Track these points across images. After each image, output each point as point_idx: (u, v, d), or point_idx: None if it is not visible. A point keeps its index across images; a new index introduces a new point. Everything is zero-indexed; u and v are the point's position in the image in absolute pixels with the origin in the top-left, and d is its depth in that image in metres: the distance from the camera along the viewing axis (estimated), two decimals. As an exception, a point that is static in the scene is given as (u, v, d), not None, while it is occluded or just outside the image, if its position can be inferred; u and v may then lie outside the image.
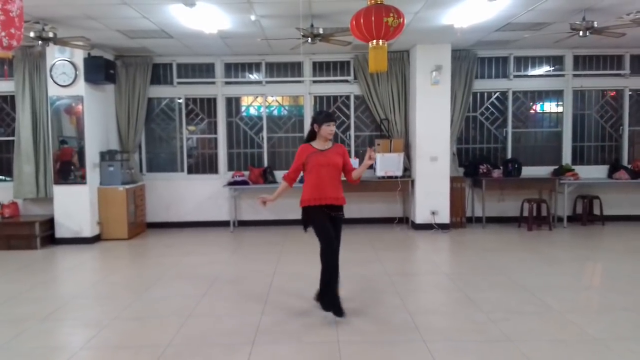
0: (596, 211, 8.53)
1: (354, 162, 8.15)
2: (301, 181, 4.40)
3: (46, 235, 7.44)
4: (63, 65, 7.29)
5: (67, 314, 4.54)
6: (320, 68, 8.72)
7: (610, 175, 8.57)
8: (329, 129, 4.25)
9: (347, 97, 8.75)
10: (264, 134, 8.79)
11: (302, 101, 8.81)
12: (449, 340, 3.75)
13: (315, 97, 8.78)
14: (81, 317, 4.43)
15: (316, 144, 4.32)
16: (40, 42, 5.94)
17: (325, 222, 4.21)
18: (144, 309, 4.59)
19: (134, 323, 4.24)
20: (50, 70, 7.30)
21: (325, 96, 8.79)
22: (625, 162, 8.71)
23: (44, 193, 7.74)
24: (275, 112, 8.97)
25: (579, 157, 8.83)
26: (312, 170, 4.24)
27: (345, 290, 4.86)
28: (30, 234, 7.23)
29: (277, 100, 8.92)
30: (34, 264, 6.47)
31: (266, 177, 8.41)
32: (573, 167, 8.55)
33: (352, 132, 8.76)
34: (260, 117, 8.85)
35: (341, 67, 8.71)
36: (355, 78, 8.60)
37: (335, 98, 8.79)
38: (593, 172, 8.68)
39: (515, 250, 6.79)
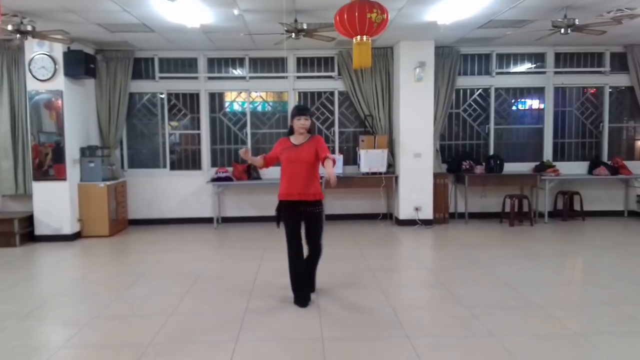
0: (576, 207, 8.65)
1: (337, 158, 8.16)
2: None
3: (25, 232, 7.31)
4: (42, 59, 7.15)
5: (46, 312, 4.46)
6: (304, 64, 8.69)
7: (590, 171, 8.69)
8: (299, 123, 4.35)
9: (331, 93, 8.74)
10: (248, 129, 8.73)
11: (286, 97, 8.78)
12: (432, 336, 3.77)
13: (299, 93, 8.75)
14: (61, 316, 4.36)
15: (293, 139, 4.42)
16: (18, 35, 5.82)
17: (291, 224, 4.34)
18: (125, 307, 4.53)
19: (115, 321, 4.19)
20: (29, 65, 7.16)
21: (309, 92, 8.76)
22: (605, 158, 8.84)
23: (23, 189, 7.62)
24: (259, 108, 8.92)
25: (559, 153, 8.94)
26: (284, 166, 4.35)
27: (329, 286, 4.88)
28: (9, 231, 7.10)
29: (261, 96, 8.87)
30: (13, 262, 6.36)
31: (250, 173, 8.37)
32: (554, 163, 8.66)
33: (336, 128, 8.75)
34: (244, 113, 8.79)
35: (325, 63, 8.69)
36: (339, 74, 8.58)
37: (320, 94, 8.77)
38: (573, 168, 8.80)
39: (497, 246, 6.85)
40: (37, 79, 7.18)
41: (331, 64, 8.68)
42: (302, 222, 4.42)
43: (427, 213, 8.18)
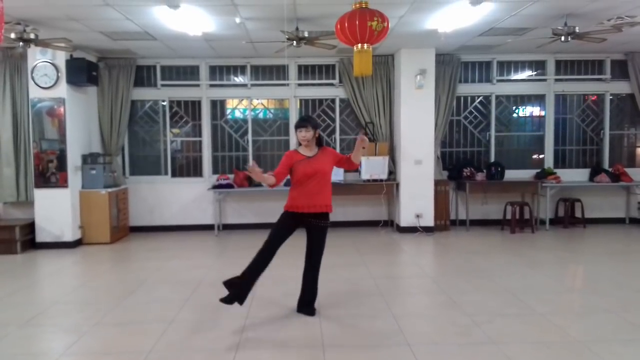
0: (578, 214, 8.64)
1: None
2: (287, 184, 4.37)
3: (27, 239, 7.31)
4: (44, 67, 7.19)
5: (47, 319, 4.46)
6: (306, 71, 8.72)
7: (591, 178, 8.69)
8: (300, 135, 4.24)
9: (333, 101, 8.77)
10: (249, 137, 8.75)
11: (288, 104, 8.80)
12: (433, 344, 3.76)
13: (300, 101, 8.78)
14: (62, 323, 4.36)
15: (302, 151, 4.29)
16: (21, 43, 5.86)
17: (282, 230, 4.24)
18: (126, 315, 4.53)
19: (116, 329, 4.18)
20: (32, 72, 7.20)
21: (310, 99, 8.79)
22: (606, 165, 8.84)
23: (25, 196, 7.64)
24: (261, 115, 8.94)
25: (560, 160, 8.94)
26: (300, 179, 4.19)
27: (330, 293, 4.87)
28: (10, 238, 7.10)
29: (262, 103, 8.90)
30: (14, 269, 6.36)
31: (251, 180, 8.37)
32: (555, 170, 8.66)
33: (337, 135, 8.77)
34: (245, 120, 8.82)
35: (326, 71, 8.72)
36: (340, 81, 8.61)
37: (321, 101, 8.80)
38: (574, 176, 8.79)
39: (498, 253, 6.84)
40: (40, 87, 7.21)
41: (332, 72, 8.71)
42: (293, 233, 4.28)
43: (428, 220, 8.18)
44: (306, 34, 6.01)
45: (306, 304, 4.42)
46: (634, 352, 3.57)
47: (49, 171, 7.30)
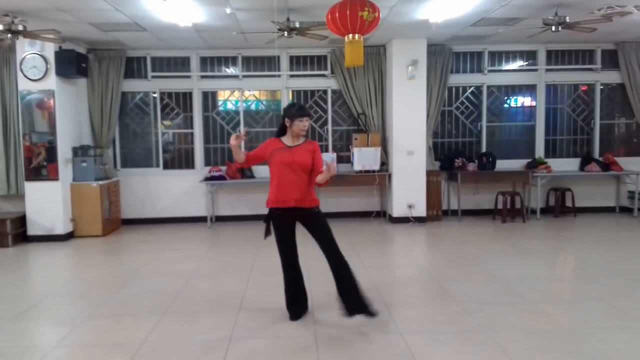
0: (568, 203, 8.70)
1: (331, 157, 8.12)
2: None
3: (18, 232, 7.28)
4: (33, 59, 7.12)
5: (39, 312, 4.45)
6: (297, 62, 8.69)
7: (582, 168, 8.75)
8: (301, 125, 3.88)
9: (325, 92, 8.75)
10: (242, 128, 8.72)
11: (280, 96, 8.78)
12: (424, 332, 3.79)
13: (292, 92, 8.75)
14: (54, 316, 4.36)
15: (285, 140, 3.96)
16: (9, 35, 5.79)
17: (285, 234, 3.97)
18: (118, 307, 4.53)
19: (109, 321, 4.19)
20: (21, 64, 7.12)
21: (302, 90, 8.76)
22: (596, 155, 8.90)
23: (15, 189, 7.60)
24: (253, 107, 8.91)
25: (551, 150, 9.00)
26: (276, 168, 3.89)
27: (322, 283, 4.86)
28: (1, 232, 7.06)
29: (254, 95, 8.87)
30: (6, 262, 6.34)
31: (243, 172, 8.37)
32: (546, 160, 8.71)
33: (329, 126, 8.76)
34: (237, 112, 8.79)
35: (318, 62, 8.69)
36: (332, 72, 8.59)
37: (313, 92, 8.78)
38: (565, 165, 8.85)
39: (489, 242, 6.89)
40: (29, 79, 7.14)
41: (324, 62, 8.68)
42: (296, 230, 4.00)
43: (420, 210, 8.21)
44: (297, 25, 5.98)
45: (348, 293, 3.93)
46: (623, 338, 3.62)
47: (40, 162, 7.26)
